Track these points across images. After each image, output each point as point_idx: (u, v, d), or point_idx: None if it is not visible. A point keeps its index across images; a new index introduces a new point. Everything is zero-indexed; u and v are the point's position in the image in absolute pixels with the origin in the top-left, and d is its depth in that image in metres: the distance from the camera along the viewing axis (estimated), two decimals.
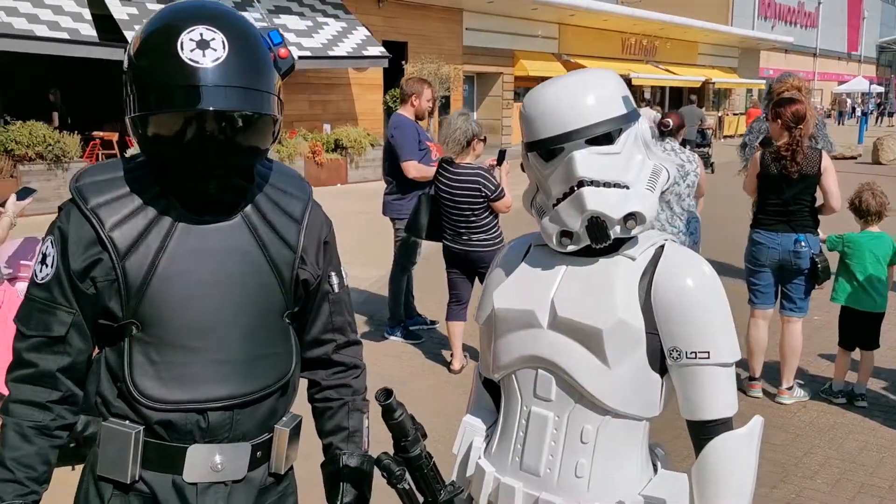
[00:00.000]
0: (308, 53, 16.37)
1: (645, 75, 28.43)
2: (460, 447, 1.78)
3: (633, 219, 1.51)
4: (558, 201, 1.56)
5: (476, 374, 1.88)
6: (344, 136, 16.84)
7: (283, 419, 1.68)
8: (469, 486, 1.73)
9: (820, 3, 47.07)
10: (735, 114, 33.20)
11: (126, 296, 1.51)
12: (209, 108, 1.42)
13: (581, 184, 1.51)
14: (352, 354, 1.82)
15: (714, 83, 33.46)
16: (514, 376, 1.65)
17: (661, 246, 1.60)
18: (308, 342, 1.75)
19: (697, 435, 1.57)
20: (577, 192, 1.52)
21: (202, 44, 1.43)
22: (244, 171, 1.60)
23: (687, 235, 5.48)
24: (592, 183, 1.51)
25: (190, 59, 1.42)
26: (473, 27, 22.38)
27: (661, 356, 1.56)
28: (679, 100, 29.66)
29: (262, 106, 1.48)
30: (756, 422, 1.58)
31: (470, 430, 1.78)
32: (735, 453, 1.54)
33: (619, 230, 1.53)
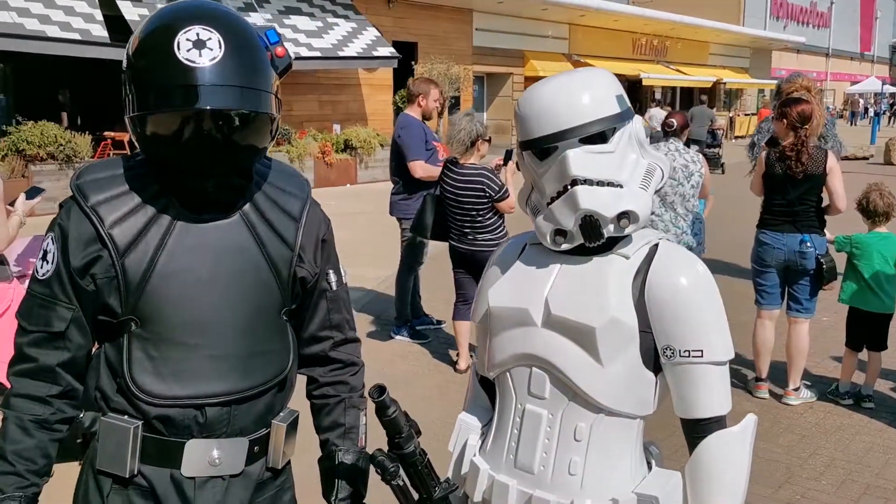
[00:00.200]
0: (318, 54, 16.43)
1: (655, 75, 28.38)
2: (456, 445, 1.79)
3: (626, 217, 1.52)
4: (552, 200, 1.57)
5: (473, 372, 1.89)
6: (353, 136, 16.88)
7: (281, 415, 1.69)
8: (464, 483, 1.74)
9: (832, 2, 46.84)
10: (746, 114, 33.08)
11: (125, 292, 1.52)
12: (206, 107, 1.43)
13: (575, 182, 1.52)
14: (349, 352, 1.83)
15: (725, 83, 33.35)
16: (508, 374, 1.66)
17: (655, 245, 1.60)
18: (306, 339, 1.77)
19: (691, 433, 1.57)
20: (570, 190, 1.52)
21: (198, 43, 1.44)
22: (242, 170, 1.61)
23: (691, 236, 5.47)
24: (586, 182, 1.52)
25: (186, 59, 1.43)
26: (483, 27, 22.40)
27: (655, 354, 1.56)
28: (690, 100, 29.56)
29: (259, 105, 1.50)
30: (749, 420, 1.59)
31: (465, 428, 1.79)
32: (728, 451, 1.54)
33: (613, 229, 1.53)
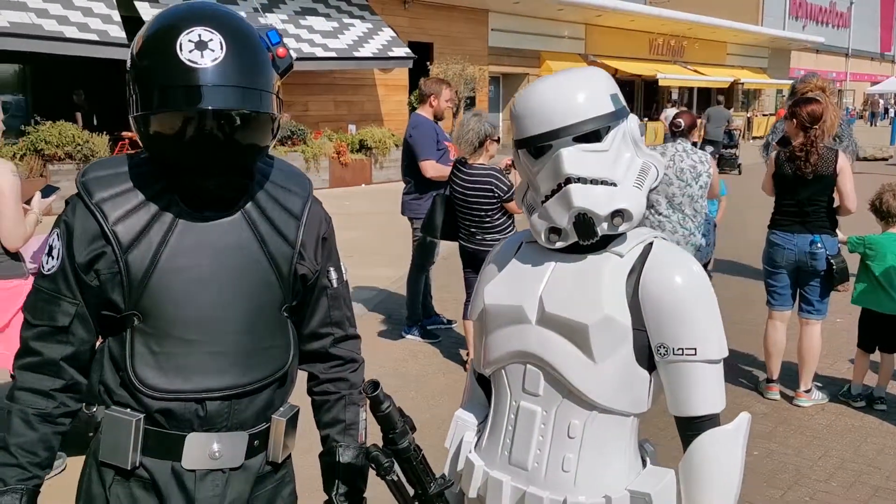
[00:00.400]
0: (334, 54, 16.49)
1: (672, 76, 28.23)
2: (452, 441, 1.80)
3: (620, 216, 1.52)
4: (547, 198, 1.58)
5: (470, 369, 1.90)
6: (369, 136, 16.93)
7: (281, 409, 1.71)
8: (460, 479, 1.75)
9: (852, 3, 46.43)
10: (764, 114, 32.86)
11: (128, 288, 1.55)
12: (208, 107, 1.45)
13: (569, 181, 1.53)
14: (349, 348, 1.85)
15: (743, 84, 33.14)
16: (503, 371, 1.67)
17: (649, 243, 1.61)
18: (306, 335, 1.79)
19: (685, 431, 1.58)
20: (564, 188, 1.53)
21: (200, 44, 1.46)
22: (244, 169, 1.63)
23: (700, 237, 5.43)
24: (580, 180, 1.53)
25: (189, 60, 1.45)
26: (499, 28, 22.39)
27: (649, 352, 1.56)
28: (707, 101, 29.40)
29: (261, 104, 1.51)
30: (743, 418, 1.59)
31: (461, 425, 1.80)
32: (721, 449, 1.54)
33: (607, 227, 1.54)
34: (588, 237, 1.55)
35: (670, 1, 30.59)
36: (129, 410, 1.58)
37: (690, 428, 1.56)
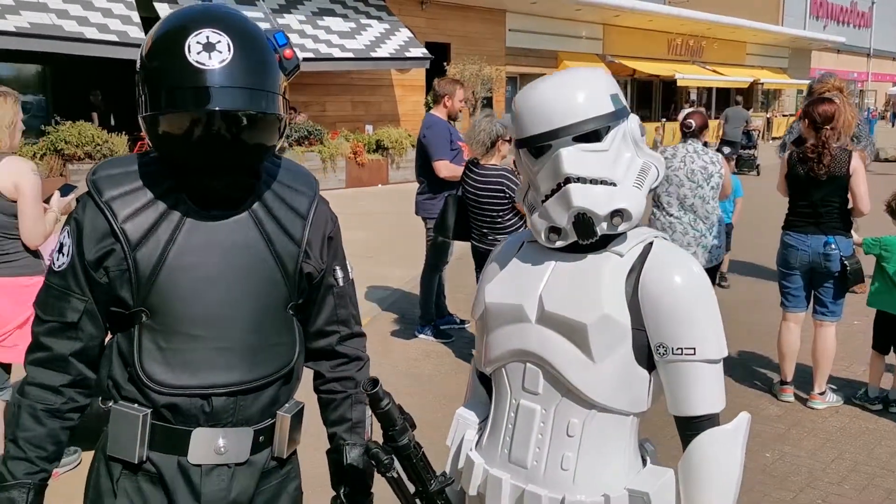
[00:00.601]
0: (351, 55, 16.54)
1: (691, 76, 28.08)
2: (453, 439, 1.81)
3: (619, 215, 1.53)
4: (546, 198, 1.59)
5: (472, 367, 1.91)
6: (385, 136, 16.97)
7: (286, 406, 1.73)
8: (460, 477, 1.76)
9: (873, 2, 45.95)
10: (784, 115, 32.59)
11: (136, 285, 1.57)
12: (215, 108, 1.47)
13: (568, 180, 1.54)
14: (355, 346, 1.87)
15: (763, 84, 32.90)
16: (503, 370, 1.68)
17: (649, 243, 1.61)
18: (313, 333, 1.81)
19: (684, 431, 1.58)
20: (563, 188, 1.54)
21: (208, 46, 1.48)
22: (251, 169, 1.65)
23: (711, 239, 5.40)
24: (579, 180, 1.53)
25: (197, 62, 1.47)
26: (516, 28, 22.36)
27: (649, 352, 1.57)
28: (726, 101, 29.23)
29: (267, 105, 1.53)
30: (742, 418, 1.59)
31: (463, 423, 1.82)
32: (720, 449, 1.54)
33: (606, 226, 1.55)
34: (587, 237, 1.55)
35: (689, 1, 30.43)
36: (136, 405, 1.61)
37: (690, 427, 1.57)
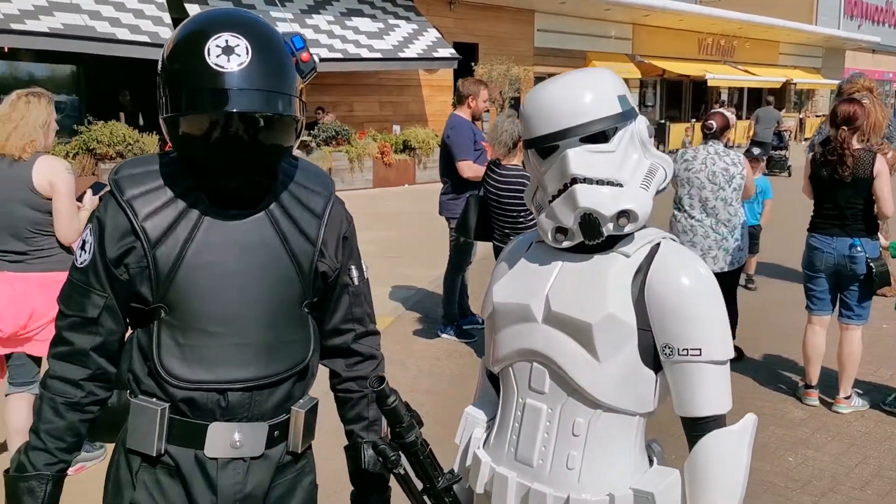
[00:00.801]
0: (379, 55, 16.60)
1: (721, 76, 27.79)
2: (462, 438, 1.83)
3: (625, 216, 1.53)
4: (553, 198, 1.60)
5: (481, 366, 1.92)
6: (412, 136, 17.02)
7: (300, 401, 1.76)
8: (468, 475, 1.77)
9: None
10: (818, 115, 32.12)
11: (156, 282, 1.61)
12: (233, 109, 1.51)
13: (574, 181, 1.55)
14: (370, 344, 1.90)
15: (795, 84, 32.48)
16: (510, 369, 1.69)
17: (657, 244, 1.61)
18: (329, 331, 1.84)
19: (690, 432, 1.58)
20: (570, 188, 1.55)
21: (227, 50, 1.52)
22: (268, 169, 1.68)
23: (734, 241, 5.35)
24: (585, 180, 1.54)
25: (216, 65, 1.51)
26: (545, 28, 22.30)
27: (655, 352, 1.57)
28: (758, 101, 28.89)
29: (284, 107, 1.56)
30: (749, 419, 1.58)
31: (471, 422, 1.83)
32: (725, 450, 1.54)
33: (612, 227, 1.55)
34: (593, 237, 1.56)
35: (721, 0, 30.11)
36: (154, 399, 1.65)
37: (696, 428, 1.56)
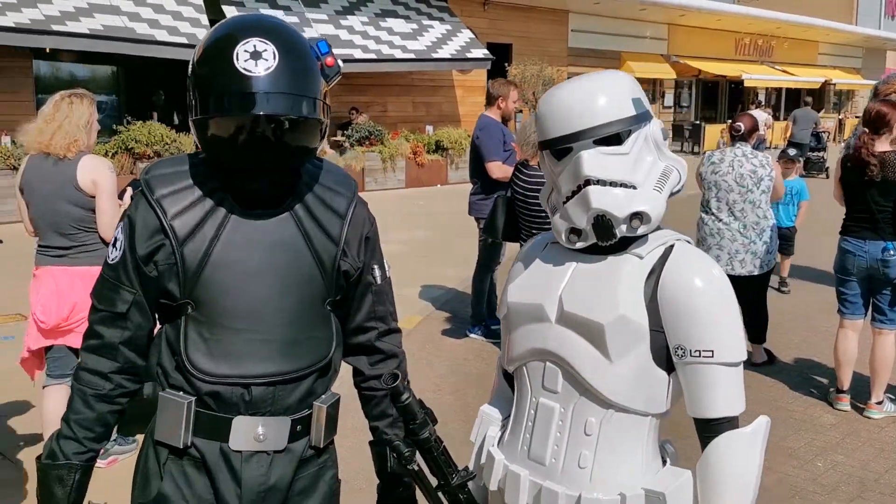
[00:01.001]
0: (412, 56, 16.67)
1: (758, 76, 27.44)
2: (477, 435, 1.85)
3: (638, 218, 1.55)
4: (567, 199, 1.62)
5: (498, 366, 1.94)
6: (445, 137, 17.05)
7: (322, 397, 1.80)
8: (482, 472, 1.80)
9: None
10: (857, 116, 31.54)
11: (183, 278, 1.66)
12: (260, 112, 1.55)
13: (588, 182, 1.56)
14: (392, 342, 1.94)
15: (835, 84, 31.96)
16: (524, 368, 1.71)
17: (670, 245, 1.62)
18: (352, 329, 1.88)
19: (702, 433, 1.58)
20: (583, 190, 1.57)
21: (255, 54, 1.56)
22: (293, 170, 1.73)
23: (762, 244, 5.29)
24: (599, 182, 1.56)
25: (244, 69, 1.55)
26: (579, 29, 22.22)
27: (668, 353, 1.58)
28: (797, 102, 28.48)
29: (309, 110, 1.61)
30: (761, 421, 1.58)
31: (486, 420, 1.86)
32: (737, 452, 1.54)
33: (625, 229, 1.57)
34: (606, 238, 1.58)
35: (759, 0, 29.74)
36: (181, 393, 1.69)
37: (708, 430, 1.57)
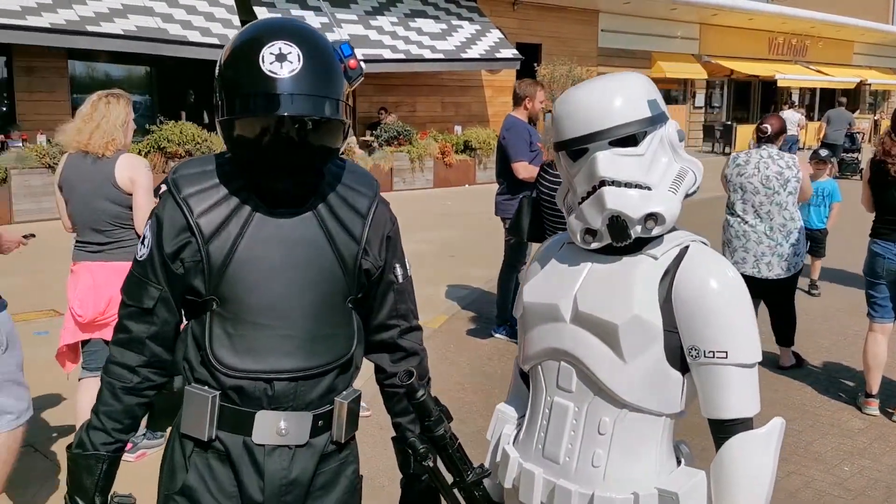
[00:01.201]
0: (442, 56, 16.70)
1: (792, 76, 27.10)
2: (493, 434, 1.87)
3: (653, 219, 1.56)
4: (583, 200, 1.63)
5: (515, 365, 1.96)
6: (473, 137, 17.06)
7: (344, 393, 1.83)
8: (497, 470, 1.81)
9: None
10: None
11: (208, 275, 1.70)
12: (284, 113, 1.59)
13: (603, 183, 1.58)
14: (414, 339, 1.97)
15: (870, 84, 31.46)
16: (539, 367, 1.73)
17: (685, 247, 1.63)
18: (375, 327, 1.91)
19: (716, 434, 1.59)
20: (598, 191, 1.58)
21: (280, 57, 1.60)
22: (316, 170, 1.76)
23: (788, 246, 5.24)
24: (614, 183, 1.57)
25: (269, 71, 1.59)
26: (609, 28, 22.12)
27: (682, 354, 1.58)
28: (831, 102, 28.07)
29: (331, 111, 1.64)
30: (775, 423, 1.58)
31: (502, 418, 1.88)
32: (750, 453, 1.54)
33: (640, 230, 1.58)
34: (621, 239, 1.59)
35: None
36: (206, 387, 1.74)
37: (722, 431, 1.57)
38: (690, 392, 1.62)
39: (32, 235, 3.72)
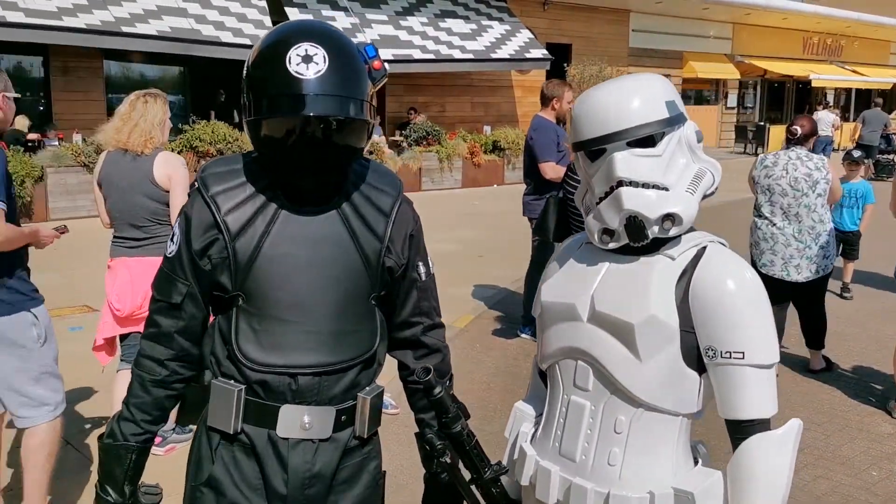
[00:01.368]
0: (471, 56, 16.71)
1: (827, 76, 26.72)
2: (511, 432, 1.89)
3: (670, 220, 1.57)
4: (601, 200, 1.64)
5: (533, 363, 1.97)
6: (502, 137, 17.06)
7: (367, 388, 1.86)
8: (514, 467, 1.83)
9: None
10: None
11: (235, 272, 1.74)
12: (310, 113, 1.62)
13: (620, 184, 1.59)
14: (437, 336, 2.00)
15: None
16: (557, 366, 1.74)
17: (703, 247, 1.63)
18: (398, 324, 1.94)
19: (733, 434, 1.59)
20: (615, 191, 1.59)
21: (307, 58, 1.64)
22: (340, 169, 1.79)
23: (817, 248, 5.17)
24: (631, 183, 1.58)
25: (296, 72, 1.63)
26: (640, 28, 21.97)
27: (699, 354, 1.59)
28: (867, 102, 27.62)
29: (356, 111, 1.67)
30: (793, 424, 1.58)
31: (520, 416, 1.90)
32: (767, 454, 1.54)
33: (657, 230, 1.58)
34: (638, 239, 1.60)
35: None
36: (232, 382, 1.78)
37: (738, 431, 1.57)
38: (707, 392, 1.63)
39: (66, 227, 3.79)
